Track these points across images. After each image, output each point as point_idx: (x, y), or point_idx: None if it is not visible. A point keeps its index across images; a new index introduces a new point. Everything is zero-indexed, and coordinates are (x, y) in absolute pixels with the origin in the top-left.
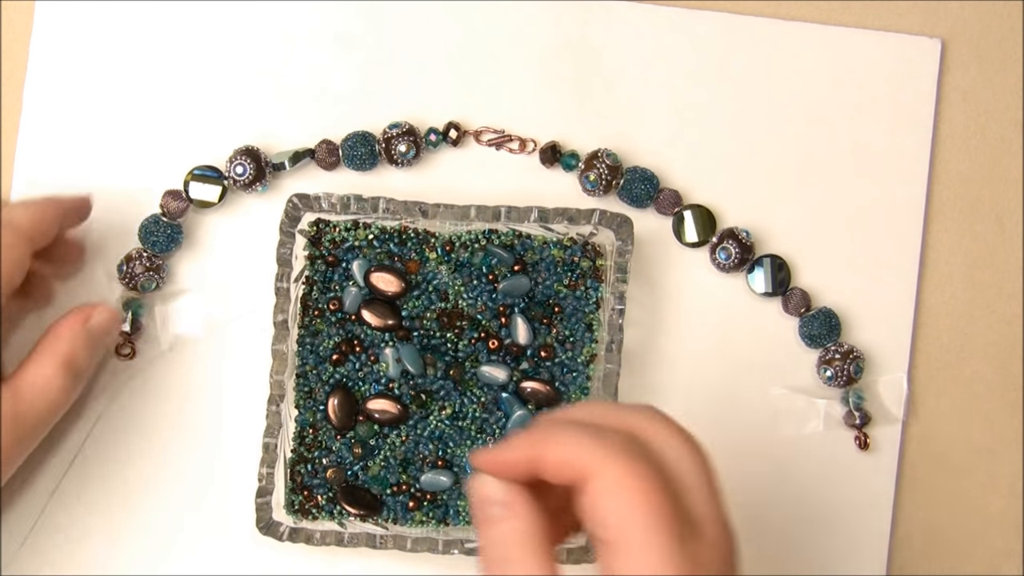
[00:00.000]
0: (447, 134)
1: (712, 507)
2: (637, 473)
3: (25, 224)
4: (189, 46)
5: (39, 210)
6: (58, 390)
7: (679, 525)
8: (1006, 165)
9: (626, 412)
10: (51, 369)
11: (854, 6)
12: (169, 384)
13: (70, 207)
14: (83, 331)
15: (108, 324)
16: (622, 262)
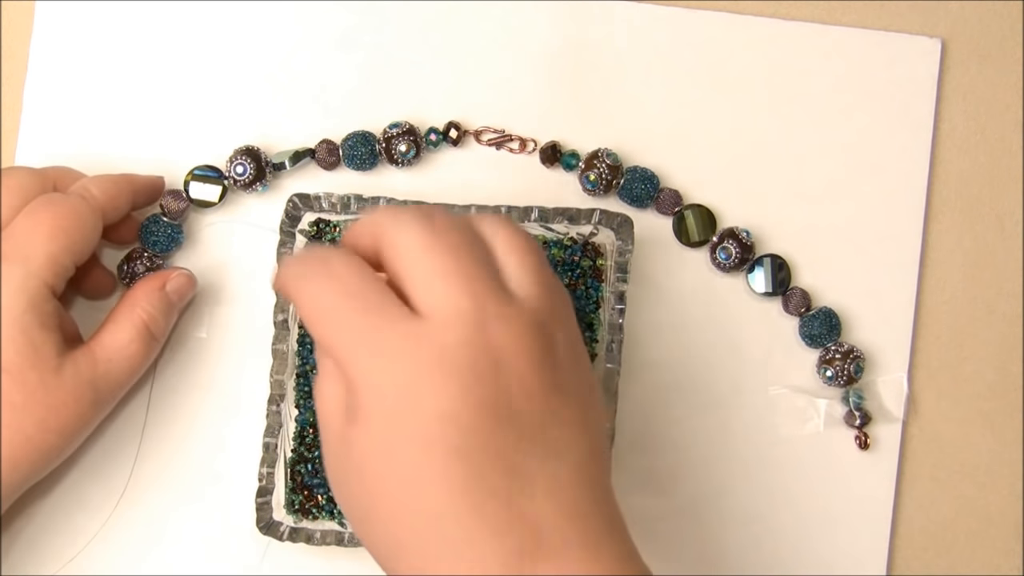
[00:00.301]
0: (447, 134)
1: (527, 273)
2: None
3: (99, 196)
4: (189, 46)
5: (113, 184)
6: (135, 354)
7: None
8: (1006, 165)
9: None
10: (128, 334)
11: (854, 6)
12: (169, 384)
13: (143, 185)
14: (160, 295)
15: (185, 288)
16: (622, 262)
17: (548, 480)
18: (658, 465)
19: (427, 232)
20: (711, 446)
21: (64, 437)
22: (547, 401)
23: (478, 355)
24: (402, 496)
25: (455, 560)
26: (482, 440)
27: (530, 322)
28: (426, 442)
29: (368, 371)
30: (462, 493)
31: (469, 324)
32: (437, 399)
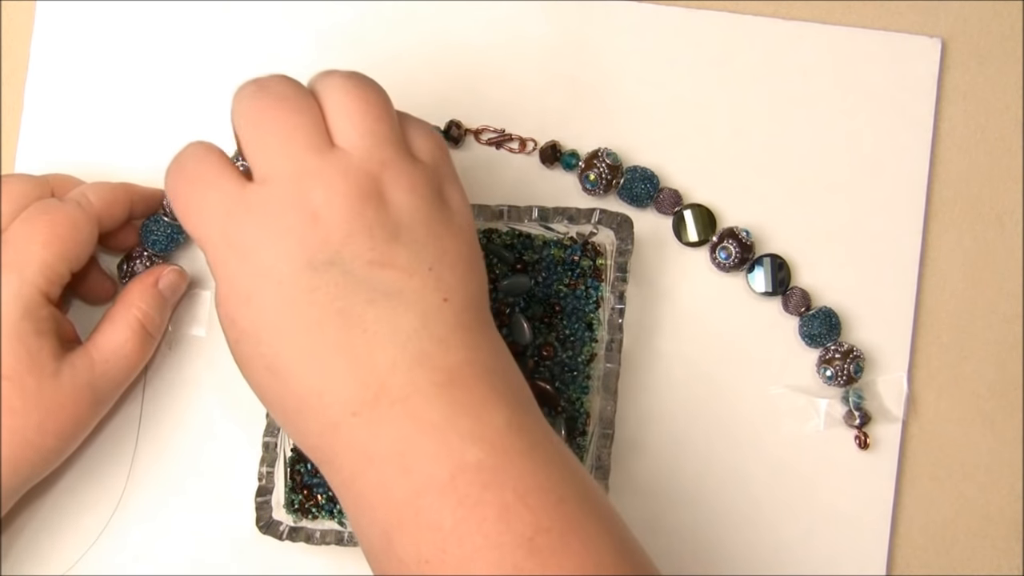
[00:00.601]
0: (448, 132)
1: (352, 125)
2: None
3: (96, 203)
4: (190, 46)
5: (110, 191)
6: (131, 353)
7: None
8: (1006, 165)
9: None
10: (124, 333)
11: (854, 6)
12: (169, 383)
13: (142, 195)
14: (154, 293)
15: (177, 284)
16: (622, 261)
17: (389, 328)
18: (658, 465)
19: (255, 102)
20: (711, 446)
21: (63, 439)
22: (371, 245)
23: (294, 211)
24: (245, 351)
25: (304, 409)
26: (305, 291)
27: (349, 171)
28: (258, 299)
29: (215, 243)
30: (292, 343)
31: (286, 183)
32: (260, 257)
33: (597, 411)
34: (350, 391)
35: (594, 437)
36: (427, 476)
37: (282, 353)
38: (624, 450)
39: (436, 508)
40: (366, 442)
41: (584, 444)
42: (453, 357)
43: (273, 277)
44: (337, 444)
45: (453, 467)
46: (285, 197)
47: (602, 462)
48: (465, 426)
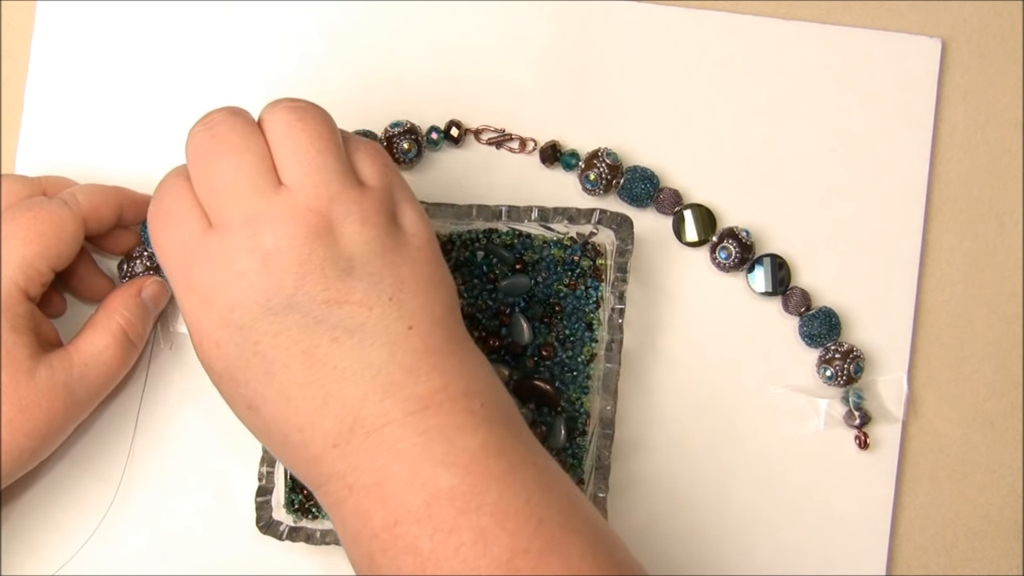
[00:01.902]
0: (448, 132)
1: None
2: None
3: (84, 204)
4: (190, 46)
5: (100, 194)
6: (112, 359)
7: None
8: (1006, 165)
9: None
10: (105, 339)
11: (854, 6)
12: (169, 383)
13: (134, 200)
14: (136, 302)
15: (159, 295)
16: (622, 261)
17: (357, 362)
18: (658, 465)
19: (200, 145)
20: (711, 446)
21: (36, 439)
22: (325, 284)
23: (245, 256)
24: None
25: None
26: (268, 335)
27: (297, 212)
28: (225, 345)
29: (179, 285)
30: (267, 383)
31: (235, 229)
32: (220, 303)
33: (597, 411)
34: (327, 425)
35: (594, 437)
36: (403, 504)
37: (258, 393)
38: (624, 450)
39: (413, 535)
40: (345, 472)
41: (584, 444)
42: (424, 385)
43: (235, 322)
44: (320, 474)
45: (427, 494)
46: (236, 243)
47: (602, 462)
48: (438, 452)
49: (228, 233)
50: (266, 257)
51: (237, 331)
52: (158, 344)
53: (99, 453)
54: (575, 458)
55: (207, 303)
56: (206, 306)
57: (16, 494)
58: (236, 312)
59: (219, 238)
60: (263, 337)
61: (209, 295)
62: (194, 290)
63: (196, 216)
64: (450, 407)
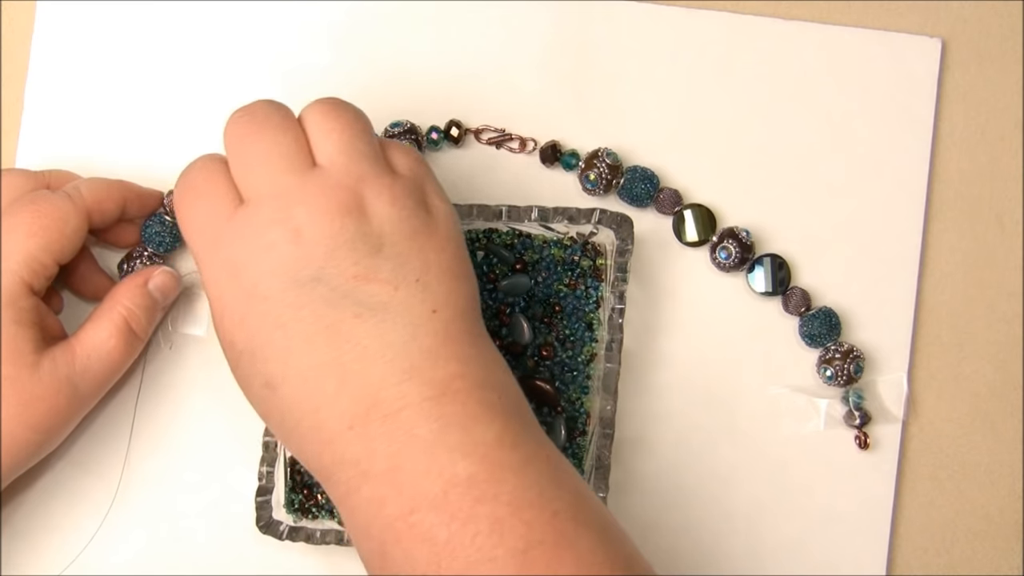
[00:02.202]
0: (448, 132)
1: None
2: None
3: (88, 197)
4: (190, 46)
5: (104, 187)
6: (114, 351)
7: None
8: (1006, 165)
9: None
10: (108, 331)
11: (854, 6)
12: (170, 383)
13: (138, 194)
14: (142, 293)
15: (168, 286)
16: (622, 261)
17: (378, 342)
18: (658, 465)
19: (239, 126)
20: (711, 446)
21: (40, 433)
22: (354, 259)
23: (277, 229)
24: (243, 369)
25: (302, 426)
26: (293, 308)
27: (328, 187)
28: (250, 319)
29: (207, 260)
30: (287, 359)
31: (268, 202)
32: (248, 275)
33: (597, 411)
34: (343, 405)
35: (594, 437)
36: (419, 492)
37: (278, 370)
38: (624, 450)
39: (429, 523)
40: (360, 457)
41: (584, 444)
42: (443, 370)
43: (260, 295)
44: (333, 459)
45: (444, 482)
46: (268, 216)
47: (602, 462)
48: (455, 440)
49: (260, 206)
50: (297, 230)
51: (262, 303)
52: (158, 343)
53: (99, 454)
54: (575, 458)
55: (234, 277)
56: (232, 280)
57: (15, 495)
58: (263, 284)
59: (251, 212)
60: (288, 310)
61: (236, 269)
62: (221, 264)
63: (229, 193)
64: (467, 396)
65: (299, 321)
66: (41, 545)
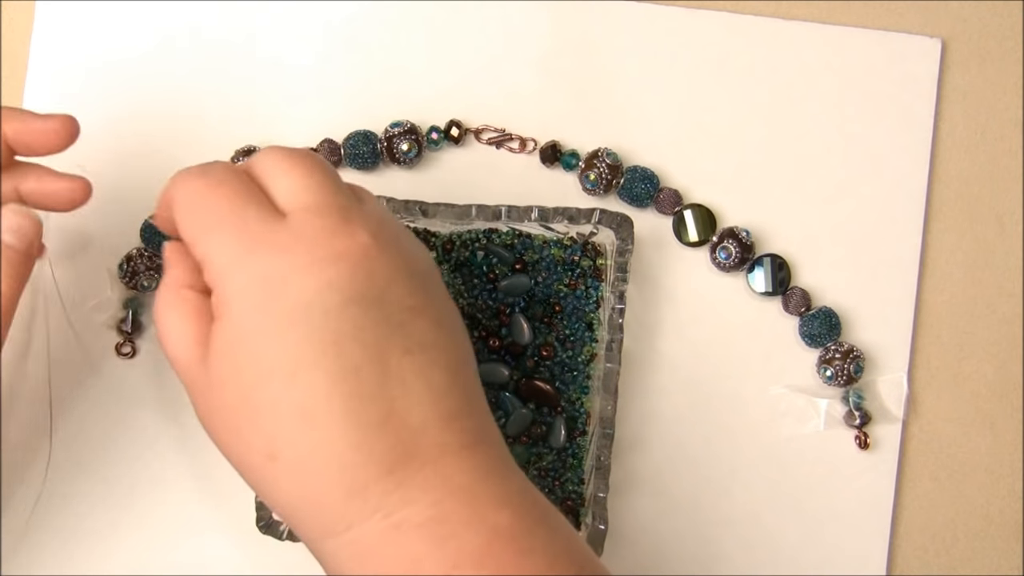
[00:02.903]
0: (449, 132)
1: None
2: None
3: None
4: (189, 46)
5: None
6: None
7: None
8: (1006, 165)
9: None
10: None
11: (854, 6)
12: (169, 383)
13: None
14: None
15: (25, 228)
16: (622, 261)
17: (423, 382)
18: (658, 465)
19: (195, 188)
20: (711, 446)
21: None
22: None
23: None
24: (270, 394)
25: (332, 467)
26: (352, 327)
27: (384, 214)
28: (299, 330)
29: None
30: (333, 385)
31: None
32: (301, 285)
33: (597, 411)
34: (386, 445)
35: (594, 437)
36: (463, 545)
37: (321, 395)
38: (624, 450)
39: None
40: (395, 506)
41: (584, 444)
42: (477, 419)
43: (318, 307)
44: (362, 508)
45: (488, 532)
46: (331, 227)
47: (602, 462)
48: (494, 488)
49: (319, 216)
50: (365, 248)
51: (320, 317)
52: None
53: (99, 454)
54: (575, 458)
55: (276, 287)
56: (274, 291)
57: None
58: (321, 298)
59: (305, 222)
60: (347, 327)
61: (284, 278)
62: (257, 278)
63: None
64: (497, 444)
65: (355, 342)
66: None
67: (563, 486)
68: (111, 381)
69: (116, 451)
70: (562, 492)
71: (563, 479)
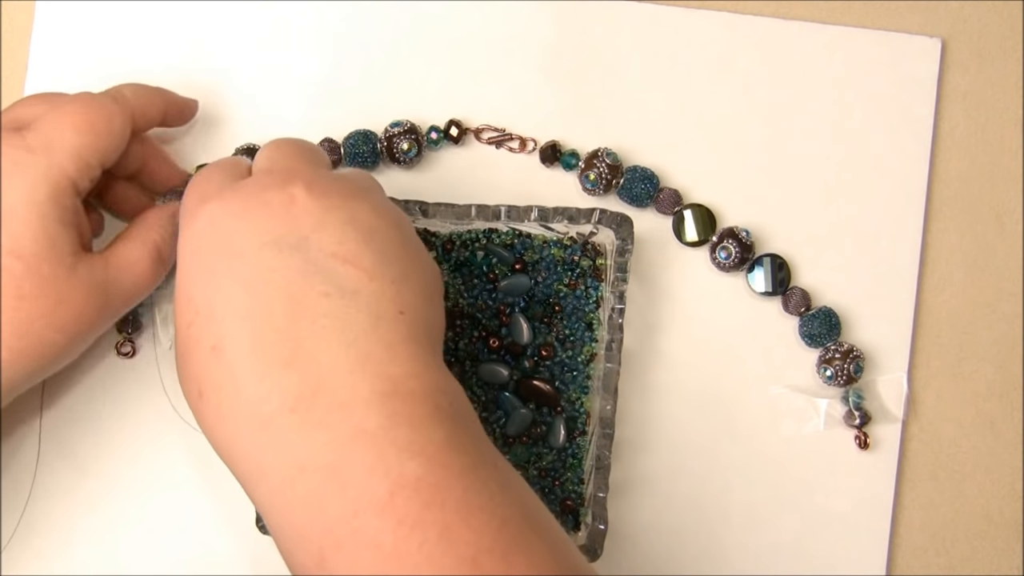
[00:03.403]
0: (448, 132)
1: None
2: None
3: (132, 100)
4: (189, 46)
5: (146, 92)
6: (144, 271)
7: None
8: (1006, 165)
9: None
10: (139, 252)
11: (854, 6)
12: (169, 383)
13: (175, 101)
14: (171, 222)
15: None
16: (622, 261)
17: (338, 324)
18: (658, 465)
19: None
20: (711, 446)
21: (66, 335)
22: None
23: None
24: (196, 332)
25: (240, 399)
26: (264, 269)
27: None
28: (219, 274)
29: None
30: (242, 321)
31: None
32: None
33: (597, 411)
34: (289, 381)
35: (594, 437)
36: (364, 492)
37: (231, 332)
38: (624, 450)
39: (374, 527)
40: (299, 446)
41: (584, 444)
42: (399, 368)
43: (236, 250)
44: (268, 446)
45: (391, 483)
46: (270, 181)
47: (602, 462)
48: (403, 438)
49: (267, 174)
50: (293, 197)
51: (235, 259)
52: (158, 343)
53: (99, 453)
54: (575, 458)
55: (213, 229)
56: (211, 232)
57: (15, 494)
58: (241, 240)
59: (255, 177)
60: (258, 270)
61: (219, 222)
62: (205, 217)
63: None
64: (420, 397)
65: (266, 283)
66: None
67: (563, 486)
68: (111, 381)
69: (115, 450)
70: (562, 492)
71: (563, 479)
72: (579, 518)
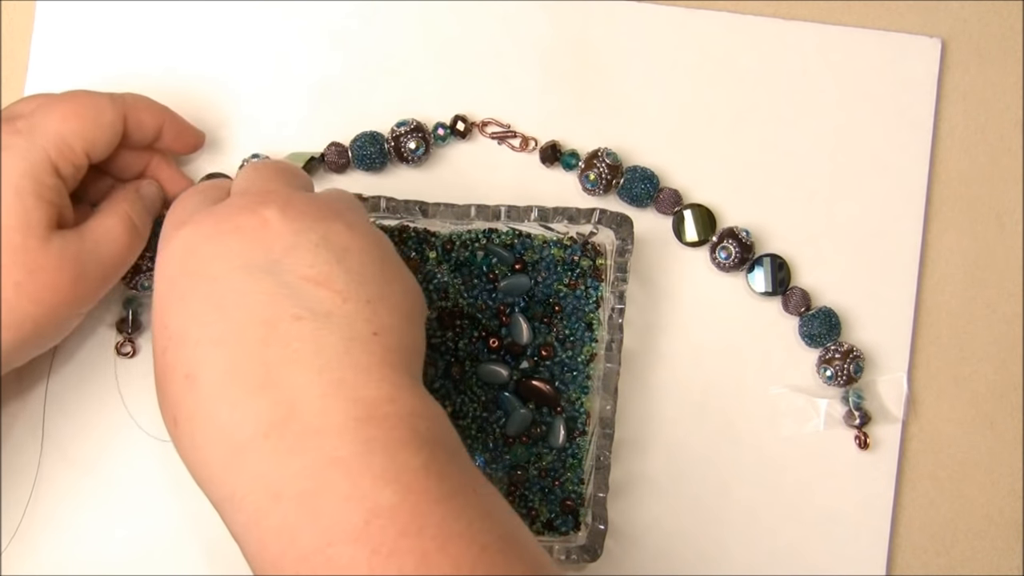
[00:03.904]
0: (455, 127)
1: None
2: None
3: (128, 101)
4: (192, 49)
5: (146, 100)
6: (117, 239)
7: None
8: (1006, 165)
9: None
10: (113, 221)
11: (854, 6)
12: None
13: (177, 122)
14: (137, 195)
15: (156, 194)
16: (622, 261)
17: (311, 347)
18: (658, 465)
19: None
20: (711, 446)
21: (42, 307)
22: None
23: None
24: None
25: (213, 426)
26: (237, 293)
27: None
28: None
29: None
30: (214, 346)
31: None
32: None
33: (597, 411)
34: (263, 408)
35: (594, 437)
36: (338, 520)
37: (204, 358)
38: (624, 450)
39: (349, 556)
40: (272, 473)
41: (584, 444)
42: (374, 392)
43: (209, 275)
44: (242, 473)
45: (366, 511)
46: (243, 204)
47: (602, 462)
48: (378, 465)
49: (240, 196)
50: (266, 220)
51: (209, 283)
52: None
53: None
54: (575, 458)
55: (189, 254)
56: (186, 257)
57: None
58: (214, 265)
59: (229, 200)
60: (231, 295)
61: (193, 247)
62: (181, 241)
63: (224, 193)
64: (396, 422)
65: (239, 308)
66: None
67: (563, 486)
68: (111, 381)
69: (116, 451)
70: (562, 492)
71: (563, 479)
72: (579, 518)
